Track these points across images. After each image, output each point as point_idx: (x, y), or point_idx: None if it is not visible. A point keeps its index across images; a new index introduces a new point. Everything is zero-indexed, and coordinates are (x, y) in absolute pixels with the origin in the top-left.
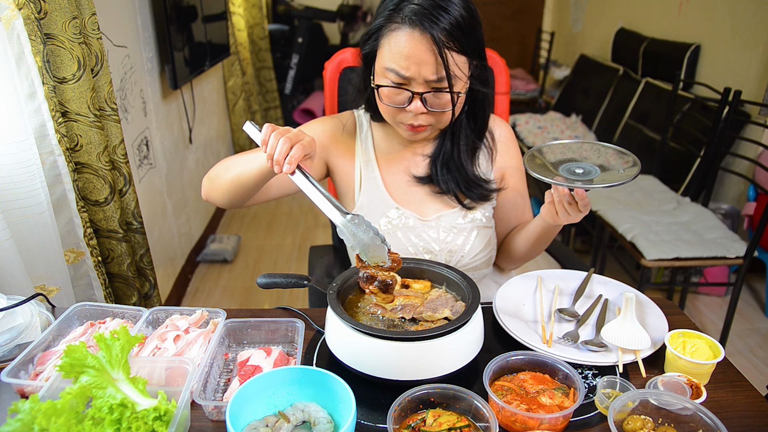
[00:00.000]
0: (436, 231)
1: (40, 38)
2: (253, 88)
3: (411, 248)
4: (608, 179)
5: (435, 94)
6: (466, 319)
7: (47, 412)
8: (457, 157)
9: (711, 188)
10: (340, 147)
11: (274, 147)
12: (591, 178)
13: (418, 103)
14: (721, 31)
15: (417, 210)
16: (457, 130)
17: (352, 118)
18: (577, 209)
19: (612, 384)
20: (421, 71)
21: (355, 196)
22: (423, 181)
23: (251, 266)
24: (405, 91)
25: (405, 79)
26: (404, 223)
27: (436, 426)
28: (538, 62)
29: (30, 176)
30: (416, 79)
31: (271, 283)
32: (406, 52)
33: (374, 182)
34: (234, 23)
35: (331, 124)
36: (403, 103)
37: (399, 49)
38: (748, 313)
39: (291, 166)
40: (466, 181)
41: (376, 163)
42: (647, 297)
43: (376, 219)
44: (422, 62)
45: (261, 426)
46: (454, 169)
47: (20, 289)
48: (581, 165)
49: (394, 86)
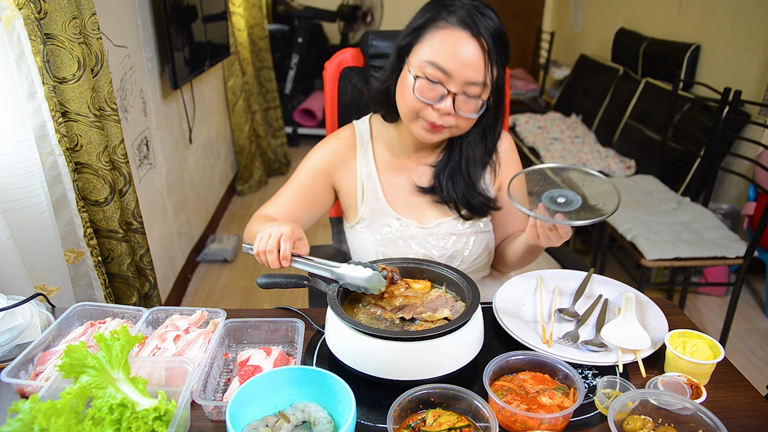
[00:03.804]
0: (436, 238)
1: (40, 38)
2: (253, 88)
3: (412, 256)
4: (589, 210)
5: (466, 99)
6: (466, 319)
7: (47, 412)
8: (465, 170)
9: (711, 188)
10: (342, 166)
11: (267, 261)
12: (572, 209)
13: (449, 103)
14: (721, 31)
15: (417, 219)
16: (466, 142)
17: (351, 133)
18: (557, 236)
19: (612, 384)
20: (464, 71)
21: (358, 208)
22: (425, 192)
23: (251, 266)
24: (440, 87)
25: (445, 76)
26: (405, 233)
27: (436, 426)
28: (538, 62)
29: (30, 176)
30: (456, 78)
31: (271, 283)
32: (454, 51)
33: (375, 194)
34: (234, 23)
35: (330, 148)
36: (435, 99)
37: (447, 47)
38: (748, 313)
39: (287, 262)
40: (470, 195)
41: (377, 174)
42: (647, 297)
43: (378, 229)
44: (467, 64)
45: (261, 426)
46: (459, 181)
47: (20, 289)
48: (564, 194)
49: (429, 80)
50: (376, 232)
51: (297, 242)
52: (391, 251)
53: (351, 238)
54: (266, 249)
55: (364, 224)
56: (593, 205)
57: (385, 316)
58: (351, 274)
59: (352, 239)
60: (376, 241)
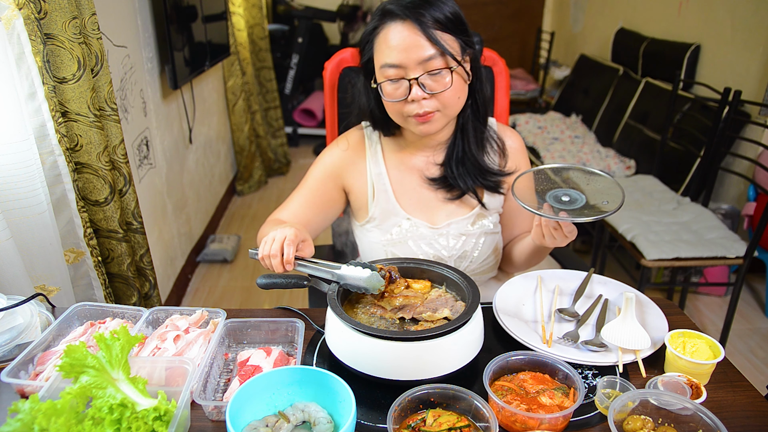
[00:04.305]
0: (446, 238)
1: (40, 38)
2: (253, 88)
3: (422, 255)
4: (593, 208)
5: (431, 76)
6: (466, 319)
7: (47, 412)
8: (468, 149)
9: (711, 188)
10: (352, 167)
11: (272, 265)
12: (576, 208)
13: (418, 90)
14: (721, 31)
15: (428, 219)
16: (466, 126)
17: (360, 134)
18: (562, 235)
19: (612, 384)
20: (409, 55)
21: (368, 208)
22: (436, 184)
23: (251, 266)
24: (402, 80)
25: (399, 69)
26: (415, 233)
27: (436, 426)
28: (538, 62)
29: (30, 176)
30: (409, 65)
31: (271, 284)
32: (393, 43)
33: (385, 194)
34: (234, 23)
35: (340, 150)
36: (404, 94)
37: (388, 43)
38: (748, 313)
39: (290, 266)
40: (480, 172)
41: (386, 175)
42: (647, 297)
43: (388, 229)
44: (409, 46)
45: (261, 426)
46: (468, 163)
47: (20, 289)
48: (568, 192)
49: (391, 81)
50: (386, 232)
51: (301, 244)
52: (401, 251)
53: (361, 237)
54: (270, 253)
55: (374, 224)
56: (597, 203)
57: (385, 316)
58: (351, 275)
59: (362, 238)
60: (387, 241)
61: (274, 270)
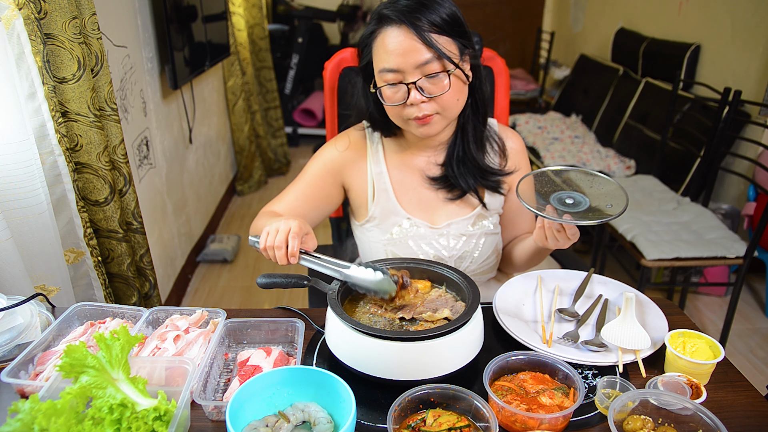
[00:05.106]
0: (446, 239)
1: (40, 38)
2: (253, 88)
3: (422, 255)
4: (597, 211)
5: (429, 80)
6: (466, 319)
7: (47, 412)
8: (468, 149)
9: (711, 188)
10: (352, 165)
11: (275, 256)
12: (580, 210)
13: (416, 93)
14: (721, 31)
15: (428, 218)
16: (466, 125)
17: (361, 133)
18: (565, 237)
19: (612, 384)
20: (406, 59)
21: (368, 207)
22: (437, 183)
23: (251, 266)
24: (401, 85)
25: (398, 74)
26: (415, 232)
27: (436, 426)
28: (538, 62)
29: (30, 176)
30: (406, 69)
31: (271, 283)
32: (390, 48)
33: (386, 193)
34: (234, 23)
35: (341, 147)
36: (403, 98)
37: (385, 48)
38: (748, 313)
39: (295, 259)
40: (480, 171)
41: (387, 174)
42: (647, 297)
43: (388, 228)
44: (407, 51)
45: (261, 426)
46: (468, 162)
47: (20, 289)
48: (572, 195)
49: (390, 85)
50: (386, 232)
51: (304, 237)
52: (401, 251)
53: (360, 236)
54: (274, 245)
55: (374, 223)
56: (601, 205)
57: (385, 316)
58: (361, 277)
59: (362, 237)
60: (386, 240)
61: (277, 262)
